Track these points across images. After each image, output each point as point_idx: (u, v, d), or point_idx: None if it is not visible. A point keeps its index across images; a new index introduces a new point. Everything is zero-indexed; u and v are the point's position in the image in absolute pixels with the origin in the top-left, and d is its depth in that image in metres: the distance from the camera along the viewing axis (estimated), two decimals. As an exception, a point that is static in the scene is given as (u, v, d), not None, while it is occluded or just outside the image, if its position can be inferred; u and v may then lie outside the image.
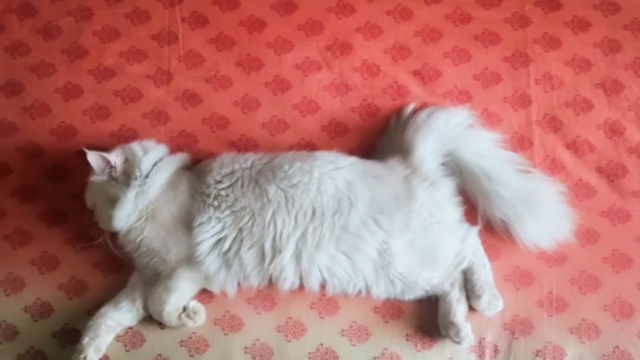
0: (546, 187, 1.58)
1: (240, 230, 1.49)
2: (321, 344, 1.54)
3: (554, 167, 1.64)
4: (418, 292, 1.53)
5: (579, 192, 1.63)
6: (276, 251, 1.48)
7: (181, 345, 1.55)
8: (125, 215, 1.51)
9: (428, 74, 1.71)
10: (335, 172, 1.52)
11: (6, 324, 1.57)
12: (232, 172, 1.52)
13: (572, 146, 1.66)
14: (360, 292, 1.51)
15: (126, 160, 1.55)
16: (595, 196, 1.63)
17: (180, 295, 1.52)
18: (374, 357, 1.54)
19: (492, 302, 1.51)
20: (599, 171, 1.64)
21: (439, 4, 1.76)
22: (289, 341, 1.55)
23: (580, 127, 1.67)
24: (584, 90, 1.69)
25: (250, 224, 1.49)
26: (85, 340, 1.50)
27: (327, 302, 1.56)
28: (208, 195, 1.51)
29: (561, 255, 1.58)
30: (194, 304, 1.54)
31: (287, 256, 1.48)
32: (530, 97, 1.69)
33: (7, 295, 1.59)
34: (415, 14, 1.75)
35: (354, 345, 1.55)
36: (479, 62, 1.71)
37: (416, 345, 1.54)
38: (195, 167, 1.60)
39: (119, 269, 1.59)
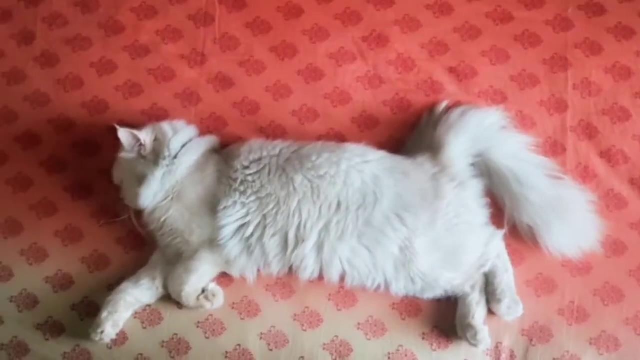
0: (576, 195, 1.56)
1: (265, 216, 1.49)
2: (336, 336, 1.54)
3: (585, 175, 1.61)
4: (438, 292, 1.52)
5: (610, 203, 1.60)
6: (299, 240, 1.48)
7: (197, 326, 1.56)
8: (151, 194, 1.52)
9: (464, 71, 1.69)
10: (363, 165, 1.51)
11: (27, 292, 1.60)
12: (260, 159, 1.52)
13: (606, 155, 1.63)
14: (379, 287, 1.51)
15: (156, 139, 1.55)
16: (625, 208, 1.60)
17: (200, 277, 1.52)
18: (389, 353, 1.53)
19: (512, 307, 1.50)
20: (631, 182, 1.61)
21: (480, 2, 1.73)
22: (305, 330, 1.55)
23: (615, 137, 1.64)
24: (622, 99, 1.66)
25: (274, 211, 1.49)
26: (104, 314, 1.51)
27: (345, 294, 1.56)
28: (235, 180, 1.51)
29: (586, 265, 1.56)
30: (213, 287, 1.55)
31: (309, 246, 1.48)
32: (566, 102, 1.66)
33: (30, 265, 1.62)
34: (456, 10, 1.73)
35: (369, 339, 1.54)
36: (516, 63, 1.69)
37: (432, 345, 1.53)
38: (224, 151, 1.60)
39: (142, 246, 1.61)
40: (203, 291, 1.53)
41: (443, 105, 1.64)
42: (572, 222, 1.53)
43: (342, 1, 1.75)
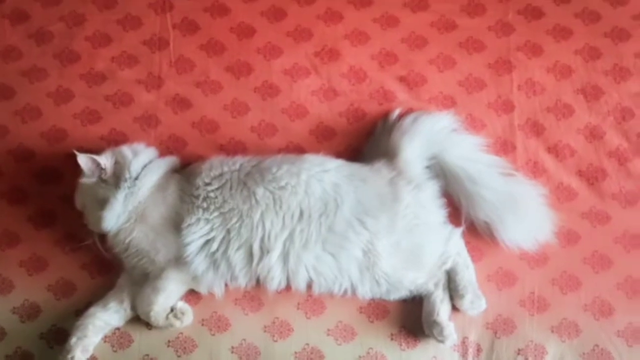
0: (528, 190, 1.61)
1: (229, 231, 1.51)
2: (307, 344, 1.56)
3: (535, 170, 1.67)
4: (403, 292, 1.55)
5: (560, 195, 1.66)
6: (264, 251, 1.50)
7: (168, 346, 1.56)
8: (114, 217, 1.53)
9: (414, 79, 1.75)
10: (323, 174, 1.54)
11: (-6, 324, 1.58)
12: (221, 175, 1.55)
13: (554, 150, 1.69)
14: (346, 292, 1.53)
15: (116, 163, 1.56)
16: (575, 199, 1.66)
17: (168, 295, 1.53)
18: (360, 357, 1.55)
19: (475, 302, 1.54)
20: (579, 174, 1.68)
21: (425, 12, 1.80)
22: (276, 341, 1.57)
23: (561, 132, 1.70)
24: (565, 96, 1.73)
25: (238, 225, 1.51)
26: (73, 340, 1.51)
27: (313, 302, 1.58)
28: (197, 197, 1.53)
29: (542, 256, 1.61)
30: (181, 305, 1.55)
31: (274, 256, 1.50)
32: (513, 102, 1.73)
33: (-4, 297, 1.61)
34: (402, 21, 1.79)
35: (339, 344, 1.56)
36: (463, 69, 1.75)
37: (401, 345, 1.56)
38: (185, 170, 1.62)
39: (107, 270, 1.60)
40: (172, 310, 1.54)
41: (396, 112, 1.68)
42: (526, 216, 1.58)
43: (293, 19, 1.80)
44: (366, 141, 1.69)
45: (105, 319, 1.54)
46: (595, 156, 1.69)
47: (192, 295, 1.58)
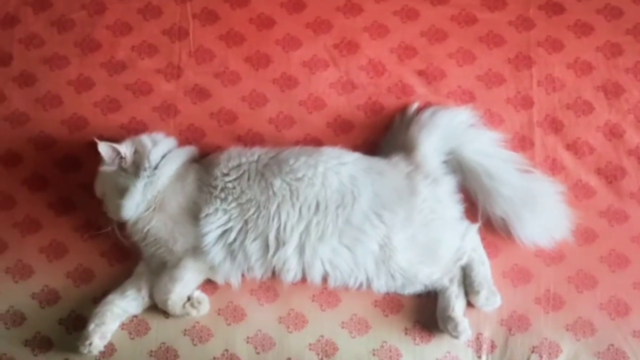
0: (546, 187, 1.61)
1: (246, 222, 1.52)
2: (322, 336, 1.58)
3: (554, 167, 1.67)
4: (418, 287, 1.55)
5: (578, 193, 1.65)
6: (280, 243, 1.51)
7: (185, 334, 1.58)
8: (133, 205, 1.54)
9: (433, 73, 1.74)
10: (340, 167, 1.54)
11: (14, 309, 1.61)
12: (239, 165, 1.56)
13: (572, 147, 1.68)
14: (361, 285, 1.54)
15: (136, 152, 1.58)
16: (593, 197, 1.65)
17: (185, 284, 1.55)
18: (373, 350, 1.56)
19: (490, 298, 1.54)
20: (598, 172, 1.67)
21: (445, 6, 1.79)
22: (291, 332, 1.58)
23: (580, 129, 1.69)
24: (585, 93, 1.72)
25: (255, 216, 1.52)
26: (91, 327, 1.53)
27: (328, 294, 1.59)
28: (215, 187, 1.54)
29: (559, 254, 1.60)
30: (198, 294, 1.57)
31: (290, 248, 1.51)
32: (532, 98, 1.72)
33: (16, 282, 1.63)
34: (422, 14, 1.78)
35: (353, 337, 1.57)
36: (483, 64, 1.75)
37: (415, 339, 1.57)
38: (203, 160, 1.63)
39: (126, 258, 1.62)
40: (189, 299, 1.56)
41: (414, 106, 1.68)
42: (543, 213, 1.57)
43: (312, 10, 1.79)
44: (384, 135, 1.69)
45: (123, 306, 1.56)
46: (614, 154, 1.67)
47: (208, 285, 1.59)
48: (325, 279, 1.54)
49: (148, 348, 1.57)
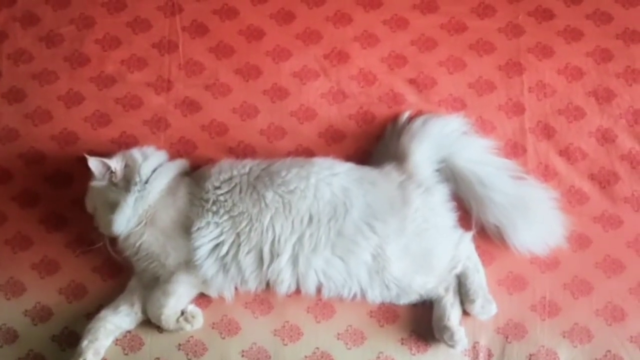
0: (539, 193, 1.60)
1: (238, 235, 1.51)
2: (317, 348, 1.56)
3: (547, 173, 1.67)
4: (413, 297, 1.55)
5: (572, 199, 1.65)
6: (274, 255, 1.50)
7: (179, 349, 1.57)
8: (124, 220, 1.53)
9: (423, 82, 1.74)
10: (332, 178, 1.54)
11: (6, 327, 1.59)
12: (230, 178, 1.55)
13: (565, 153, 1.68)
14: (355, 296, 1.53)
15: (126, 166, 1.57)
16: (587, 202, 1.65)
17: (178, 299, 1.54)
18: (370, 361, 1.56)
19: (486, 307, 1.53)
20: (591, 178, 1.67)
21: (435, 14, 1.79)
22: (286, 345, 1.57)
23: (572, 135, 1.69)
24: (576, 99, 1.72)
25: (248, 228, 1.51)
26: (84, 343, 1.52)
27: (323, 306, 1.59)
28: (207, 201, 1.53)
29: (554, 261, 1.60)
30: (191, 308, 1.56)
31: (284, 260, 1.50)
32: (523, 105, 1.72)
33: (8, 299, 1.61)
34: (411, 23, 1.78)
35: (349, 349, 1.56)
36: (473, 71, 1.75)
37: (411, 349, 1.56)
38: (194, 173, 1.62)
39: (118, 273, 1.62)
40: (182, 313, 1.55)
41: (405, 115, 1.68)
42: (537, 220, 1.57)
43: (302, 21, 1.79)
44: (375, 144, 1.69)
45: (116, 322, 1.55)
46: (607, 159, 1.67)
47: (202, 299, 1.58)
48: (319, 290, 1.53)
49: (142, 364, 1.56)
